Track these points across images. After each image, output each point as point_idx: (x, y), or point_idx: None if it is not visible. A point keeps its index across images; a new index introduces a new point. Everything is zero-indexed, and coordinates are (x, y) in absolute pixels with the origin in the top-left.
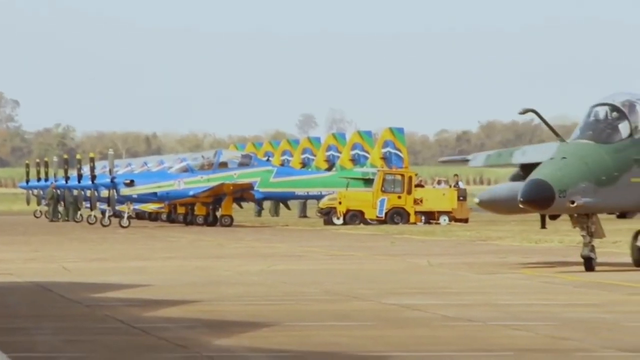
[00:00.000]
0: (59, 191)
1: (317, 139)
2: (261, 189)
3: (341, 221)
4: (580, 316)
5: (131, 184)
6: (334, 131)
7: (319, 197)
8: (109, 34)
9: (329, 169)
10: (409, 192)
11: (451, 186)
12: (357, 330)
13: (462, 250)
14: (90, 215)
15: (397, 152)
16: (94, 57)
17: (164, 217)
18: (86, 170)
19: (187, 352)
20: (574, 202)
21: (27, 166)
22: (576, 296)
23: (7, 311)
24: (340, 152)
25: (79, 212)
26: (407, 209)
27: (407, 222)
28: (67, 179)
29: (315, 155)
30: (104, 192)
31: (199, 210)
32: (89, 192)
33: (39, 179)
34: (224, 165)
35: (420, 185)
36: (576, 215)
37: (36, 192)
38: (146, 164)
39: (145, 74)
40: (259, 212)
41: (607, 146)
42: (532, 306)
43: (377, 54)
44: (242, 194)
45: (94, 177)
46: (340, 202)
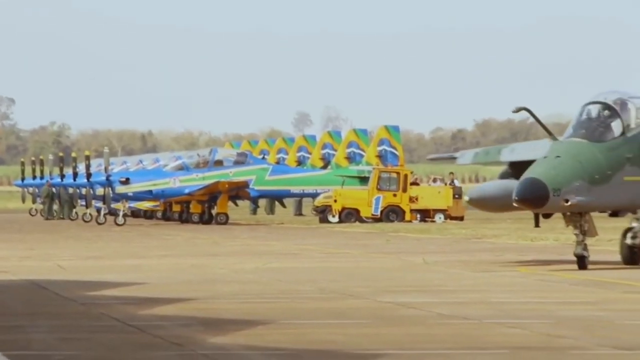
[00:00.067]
0: (55, 189)
1: (313, 137)
2: (256, 187)
3: (337, 219)
4: (575, 314)
5: (126, 182)
6: (330, 129)
7: (315, 195)
8: (105, 32)
9: (325, 167)
10: (405, 190)
11: (446, 184)
12: (352, 328)
13: (457, 248)
14: (85, 213)
15: (393, 150)
16: (89, 55)
17: (160, 215)
18: (81, 168)
19: (183, 350)
20: (568, 201)
21: (23, 164)
22: (571, 294)
23: (2, 309)
24: (335, 150)
25: (75, 210)
26: (402, 206)
27: (402, 220)
28: (63, 176)
29: (310, 153)
30: (100, 190)
31: (195, 208)
32: (84, 190)
33: (35, 177)
34: (219, 163)
35: (415, 183)
36: (569, 213)
37: (31, 190)
38: (141, 161)
39: (140, 72)
40: (255, 210)
41: (600, 145)
42: (527, 304)
43: (373, 52)
44: (237, 192)
45: (89, 175)
46: (335, 200)
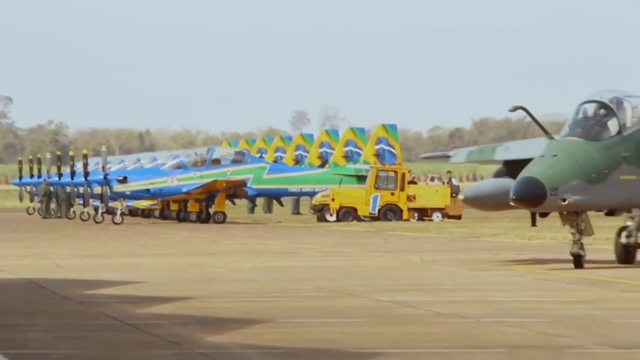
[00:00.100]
0: (52, 188)
1: (310, 136)
2: (254, 186)
3: (334, 218)
4: (573, 313)
5: (124, 180)
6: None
7: (312, 194)
8: (102, 31)
9: (322, 166)
10: (402, 188)
11: (444, 183)
12: (350, 327)
13: (455, 246)
14: (83, 212)
15: (390, 148)
16: (87, 54)
17: (157, 213)
18: (79, 166)
19: (180, 349)
20: (565, 200)
21: (20, 163)
22: (569, 293)
23: (0, 308)
24: (333, 149)
25: (72, 209)
26: (400, 205)
27: (400, 218)
28: (60, 175)
29: (308, 152)
30: (97, 189)
31: (192, 207)
32: (81, 189)
33: (32, 176)
34: (217, 162)
35: (413, 182)
36: (566, 212)
37: (29, 188)
38: (139, 160)
39: (138, 71)
40: (252, 209)
41: (596, 144)
42: (525, 303)
43: (371, 52)
44: (235, 190)
45: (86, 174)
46: (333, 199)
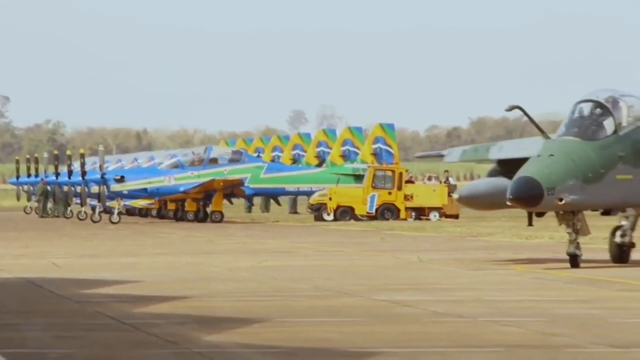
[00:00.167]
0: (49, 187)
1: (308, 135)
2: (251, 185)
3: (331, 217)
4: (570, 312)
5: (121, 180)
6: (325, 127)
7: (310, 193)
8: (99, 31)
9: (320, 165)
10: (400, 188)
11: (441, 182)
12: (347, 326)
13: (452, 246)
14: (80, 211)
15: (388, 148)
16: (84, 53)
17: (154, 213)
18: (76, 166)
19: (177, 348)
20: (562, 200)
21: (18, 162)
22: (566, 292)
23: None
24: (330, 148)
25: (69, 208)
26: (397, 205)
27: (397, 218)
28: (58, 174)
29: (305, 151)
30: (94, 188)
31: (190, 206)
32: (79, 188)
33: (29, 175)
34: (214, 161)
35: (410, 181)
36: (562, 212)
37: (26, 188)
38: (136, 159)
39: (135, 70)
40: (250, 208)
41: (592, 143)
42: (522, 302)
43: (368, 51)
44: (232, 190)
45: (84, 173)
46: (330, 198)
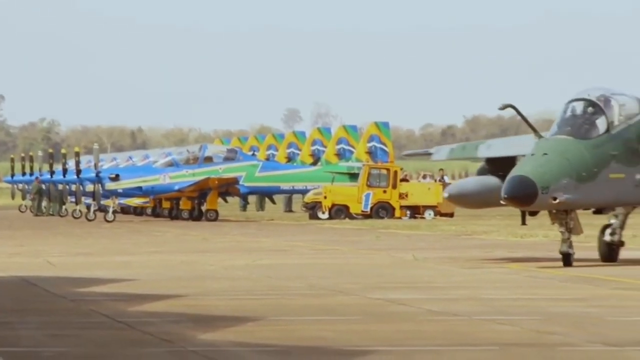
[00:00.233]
0: (44, 185)
1: (303, 134)
2: (246, 184)
3: (326, 216)
4: (565, 310)
5: (116, 178)
6: (319, 125)
7: (304, 192)
8: (94, 29)
9: (314, 164)
10: (394, 186)
11: (436, 180)
12: (342, 324)
13: (447, 244)
14: (75, 209)
15: (383, 146)
16: (79, 51)
17: (149, 211)
18: (71, 164)
19: (172, 347)
20: (556, 199)
21: (12, 160)
22: (561, 290)
23: None
24: (325, 147)
25: (64, 207)
26: (392, 203)
27: (392, 216)
28: (52, 173)
29: (300, 149)
30: (89, 187)
31: (184, 204)
32: (74, 187)
33: (24, 174)
34: (209, 159)
35: (405, 179)
36: (555, 211)
37: (21, 186)
38: (131, 158)
39: (130, 69)
40: (244, 207)
41: (585, 142)
42: (517, 300)
43: (363, 49)
44: (227, 188)
45: (79, 172)
46: (325, 197)
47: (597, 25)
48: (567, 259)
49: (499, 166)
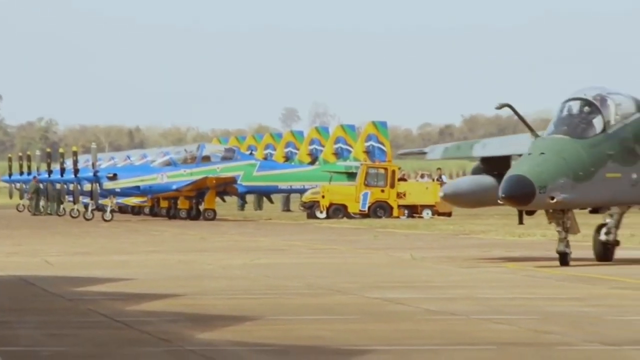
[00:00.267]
0: (42, 185)
1: (300, 133)
2: (244, 183)
3: (324, 215)
4: (562, 310)
5: (114, 177)
6: (317, 125)
7: (302, 191)
8: (92, 28)
9: (312, 163)
10: (392, 185)
11: (434, 180)
12: (340, 324)
13: (445, 244)
14: (73, 209)
15: (380, 145)
16: (77, 50)
17: (147, 210)
18: (69, 163)
19: (170, 346)
20: (553, 198)
21: (10, 160)
22: (559, 290)
23: None
24: (323, 146)
25: (62, 206)
26: (390, 202)
27: (390, 215)
28: (50, 172)
29: (298, 149)
30: (87, 186)
31: (182, 204)
32: (71, 186)
33: (22, 173)
34: (207, 159)
35: (403, 179)
36: (552, 210)
37: (19, 185)
38: (129, 157)
39: (128, 68)
40: (242, 206)
41: (582, 141)
42: (514, 300)
43: (361, 49)
44: (225, 187)
45: (76, 171)
46: (323, 196)
47: (596, 25)
48: (564, 259)
49: (494, 165)
